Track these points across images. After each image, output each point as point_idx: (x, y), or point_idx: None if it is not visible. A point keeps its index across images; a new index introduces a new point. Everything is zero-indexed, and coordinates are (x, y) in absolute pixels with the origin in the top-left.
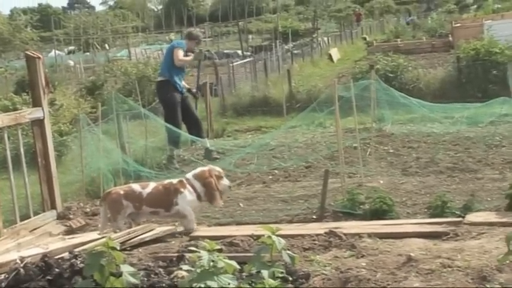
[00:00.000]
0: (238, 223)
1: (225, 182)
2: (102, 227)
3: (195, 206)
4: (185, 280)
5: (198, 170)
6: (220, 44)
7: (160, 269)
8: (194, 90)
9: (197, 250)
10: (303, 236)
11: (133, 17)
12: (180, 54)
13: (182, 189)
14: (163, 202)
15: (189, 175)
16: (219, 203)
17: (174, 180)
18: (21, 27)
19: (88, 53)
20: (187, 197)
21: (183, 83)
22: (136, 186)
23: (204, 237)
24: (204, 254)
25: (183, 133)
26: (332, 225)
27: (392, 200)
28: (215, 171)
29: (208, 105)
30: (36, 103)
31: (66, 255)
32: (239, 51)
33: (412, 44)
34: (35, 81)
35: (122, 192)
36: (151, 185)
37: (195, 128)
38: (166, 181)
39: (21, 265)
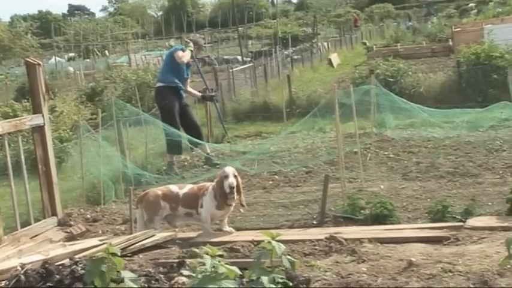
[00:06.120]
0: (239, 229)
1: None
2: (139, 230)
3: (214, 210)
4: (186, 286)
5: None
6: (220, 49)
7: (161, 275)
8: (210, 93)
9: (200, 255)
10: (303, 241)
11: (133, 23)
12: (179, 53)
13: (206, 192)
14: (195, 203)
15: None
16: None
17: (208, 184)
18: (22, 34)
19: (88, 60)
20: (208, 202)
21: (194, 92)
22: (174, 187)
23: (204, 243)
24: (207, 259)
25: (184, 136)
26: (332, 230)
27: (392, 204)
28: (221, 172)
29: (208, 111)
30: (37, 110)
31: (66, 261)
32: (239, 57)
33: (412, 49)
34: (35, 88)
35: (160, 192)
36: (188, 186)
37: (194, 133)
38: (202, 183)
39: (22, 272)
